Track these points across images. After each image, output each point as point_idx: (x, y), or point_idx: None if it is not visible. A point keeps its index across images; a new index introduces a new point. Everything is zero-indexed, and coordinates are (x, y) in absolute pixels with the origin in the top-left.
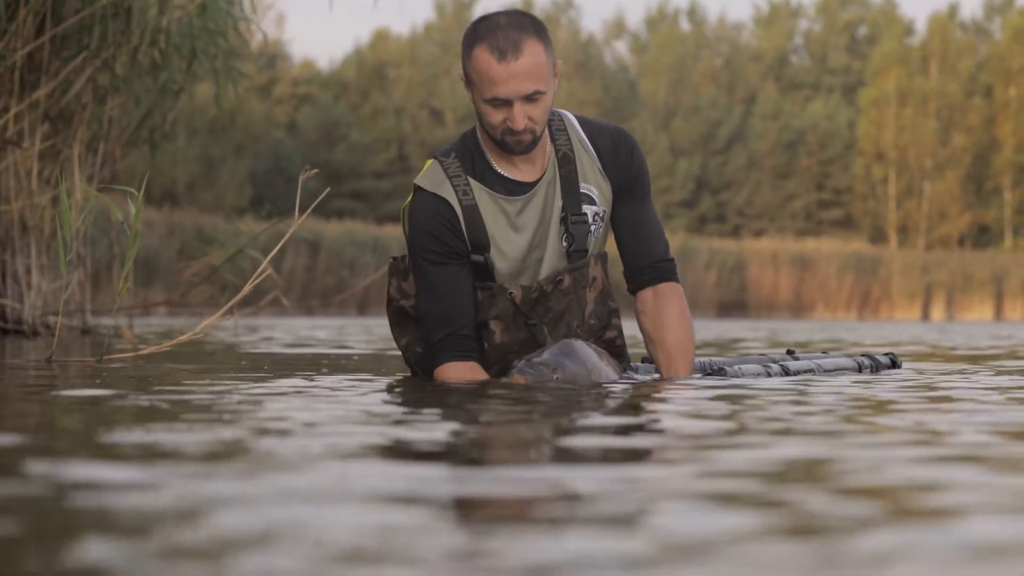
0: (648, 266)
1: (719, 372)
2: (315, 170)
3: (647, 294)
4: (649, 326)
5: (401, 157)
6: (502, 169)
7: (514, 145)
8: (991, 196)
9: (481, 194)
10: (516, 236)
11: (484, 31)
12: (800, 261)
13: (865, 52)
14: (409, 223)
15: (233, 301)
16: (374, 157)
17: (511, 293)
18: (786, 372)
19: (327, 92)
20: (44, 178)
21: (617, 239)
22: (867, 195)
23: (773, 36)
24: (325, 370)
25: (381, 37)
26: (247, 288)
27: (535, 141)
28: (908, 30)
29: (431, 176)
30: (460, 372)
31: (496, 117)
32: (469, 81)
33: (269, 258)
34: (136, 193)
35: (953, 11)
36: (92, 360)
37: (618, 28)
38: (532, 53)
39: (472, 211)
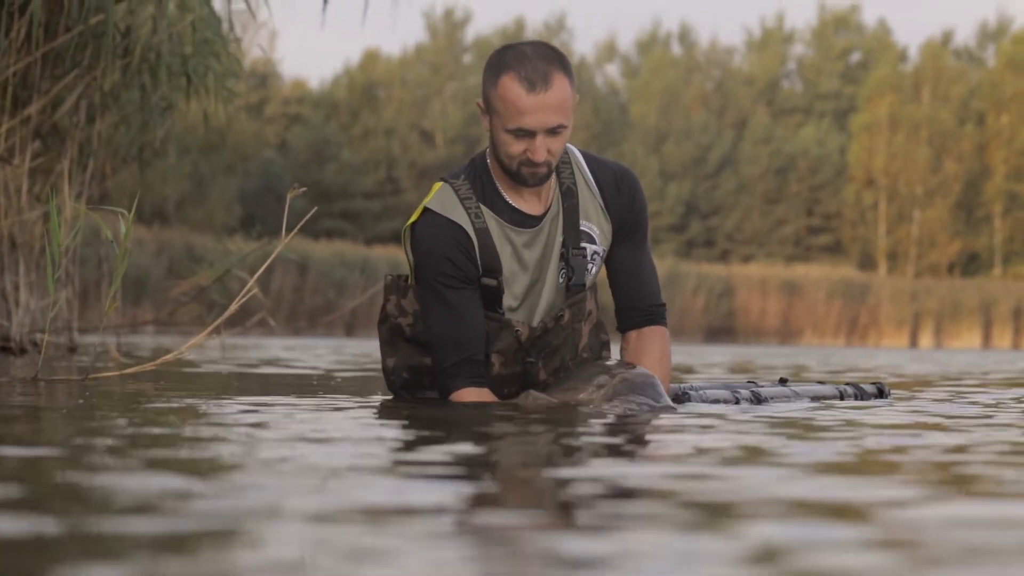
0: (639, 309)
1: (683, 397)
2: (303, 189)
3: (633, 334)
4: (629, 356)
5: (391, 179)
6: (510, 199)
7: (529, 177)
8: (981, 224)
9: (491, 220)
10: (519, 267)
11: (512, 60)
12: (789, 287)
13: (858, 78)
14: (419, 245)
15: (218, 321)
16: (364, 178)
17: (518, 331)
18: (757, 399)
19: (318, 112)
20: (34, 195)
21: (611, 280)
22: (857, 221)
23: (765, 61)
24: (313, 390)
25: (371, 57)
26: (232, 308)
27: (549, 174)
28: (902, 56)
29: (442, 199)
30: (477, 398)
31: (517, 147)
32: (490, 109)
33: (255, 278)
34: (126, 214)
35: (947, 38)
36: (77, 379)
37: (609, 51)
38: (560, 87)
39: (485, 235)
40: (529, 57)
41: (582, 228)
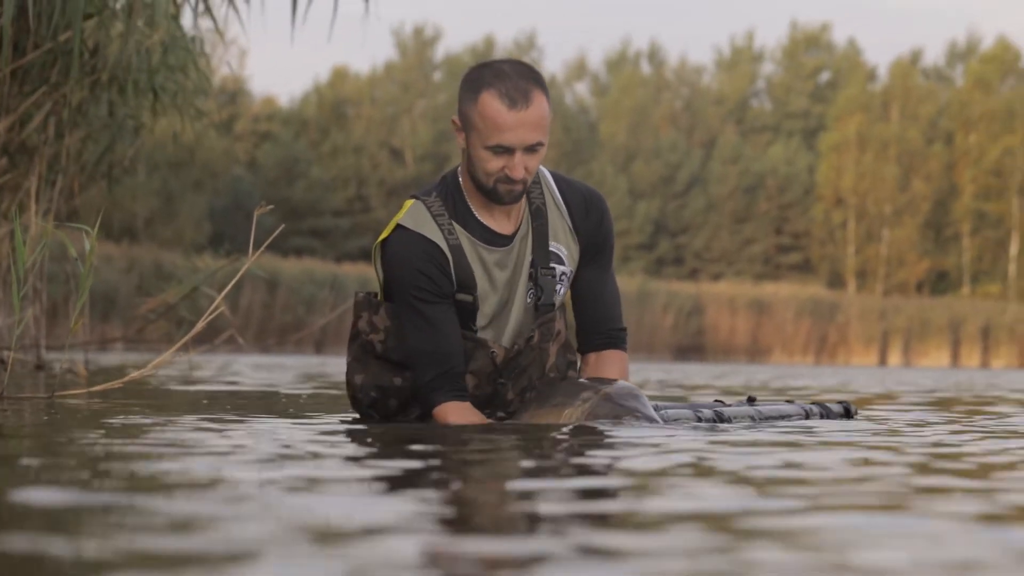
0: (601, 332)
1: None
2: (270, 206)
3: (592, 356)
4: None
5: (360, 196)
6: (481, 217)
7: (505, 195)
8: (950, 243)
9: (463, 238)
10: (490, 287)
11: (492, 78)
12: (758, 305)
13: (827, 97)
14: (392, 262)
15: (185, 339)
16: (333, 195)
17: (493, 352)
18: (720, 418)
19: (287, 129)
20: (1, 212)
21: (574, 301)
22: (826, 240)
23: (735, 80)
24: (280, 408)
25: (340, 75)
26: (199, 326)
27: (523, 192)
28: (871, 76)
29: (414, 216)
30: (461, 413)
31: (494, 164)
32: (467, 126)
33: (222, 295)
34: (90, 231)
35: (916, 57)
36: (44, 396)
37: (579, 69)
38: (539, 104)
39: (458, 252)
40: (508, 74)
41: (551, 249)
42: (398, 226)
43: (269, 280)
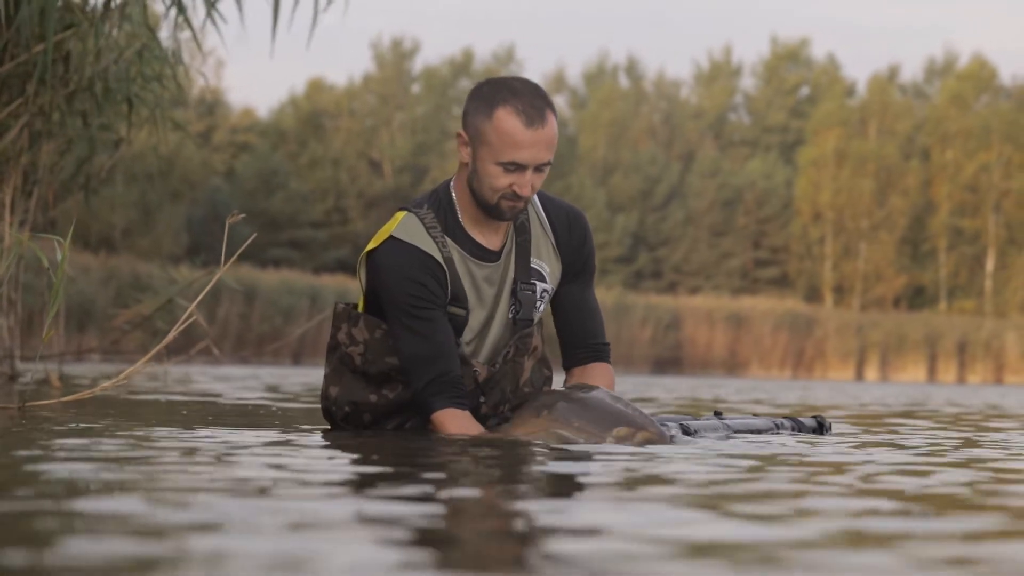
0: (586, 346)
1: None
2: (242, 215)
3: (578, 370)
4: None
5: (338, 208)
6: (471, 232)
7: (507, 211)
8: (927, 258)
9: (454, 251)
10: (477, 302)
11: (506, 94)
12: (735, 319)
13: (806, 112)
14: (386, 271)
15: (156, 349)
16: (311, 207)
17: (476, 371)
18: (685, 432)
19: (265, 140)
20: None
21: (556, 318)
22: (803, 255)
23: (714, 94)
24: (257, 420)
25: (316, 86)
26: (170, 336)
27: (523, 209)
28: (850, 91)
29: (408, 228)
30: (460, 422)
31: (503, 181)
32: (478, 140)
33: (194, 305)
34: (62, 241)
35: (893, 73)
36: (15, 407)
37: (558, 83)
38: (551, 124)
39: (451, 264)
40: (522, 92)
41: (532, 266)
42: (390, 237)
43: (247, 292)
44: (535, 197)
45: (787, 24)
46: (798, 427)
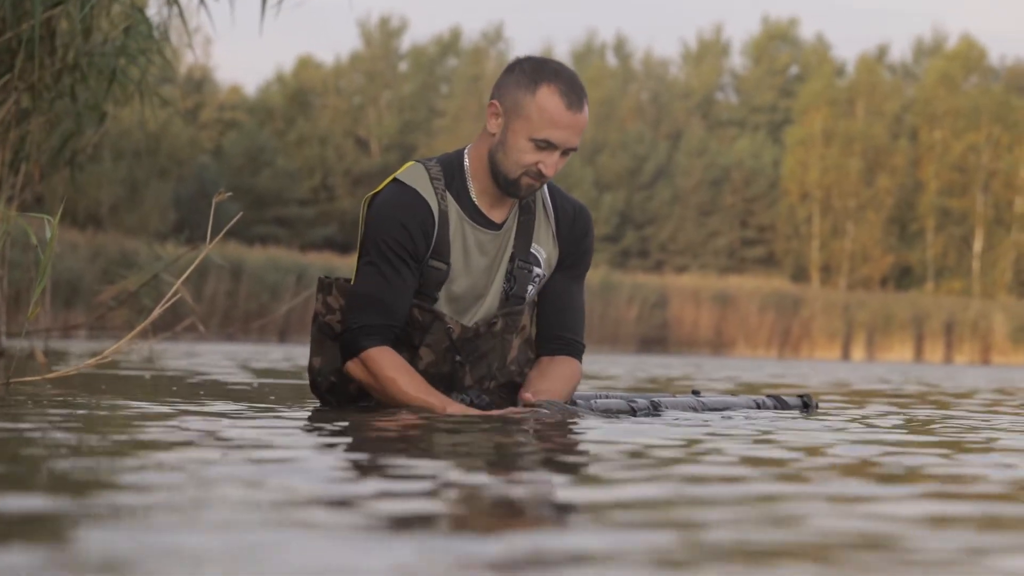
0: (560, 338)
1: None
2: (228, 193)
3: (546, 359)
4: (534, 374)
5: (325, 186)
6: (476, 200)
7: (524, 188)
8: (914, 239)
9: (452, 209)
10: (463, 268)
11: (550, 73)
12: (722, 298)
13: (795, 91)
14: (377, 210)
15: (142, 326)
16: (298, 184)
17: (450, 327)
18: (654, 408)
19: (253, 118)
20: None
21: (540, 305)
22: (791, 234)
23: (702, 73)
24: (242, 396)
25: (304, 64)
26: (155, 314)
27: (538, 190)
28: (839, 71)
29: (413, 174)
30: (394, 362)
31: (531, 157)
32: (514, 113)
33: (180, 282)
34: (51, 219)
35: (882, 52)
36: (0, 383)
37: None
38: (586, 112)
39: (444, 219)
40: (565, 76)
41: (532, 249)
42: (393, 179)
43: (234, 269)
44: (544, 186)
45: (776, 4)
46: (781, 405)
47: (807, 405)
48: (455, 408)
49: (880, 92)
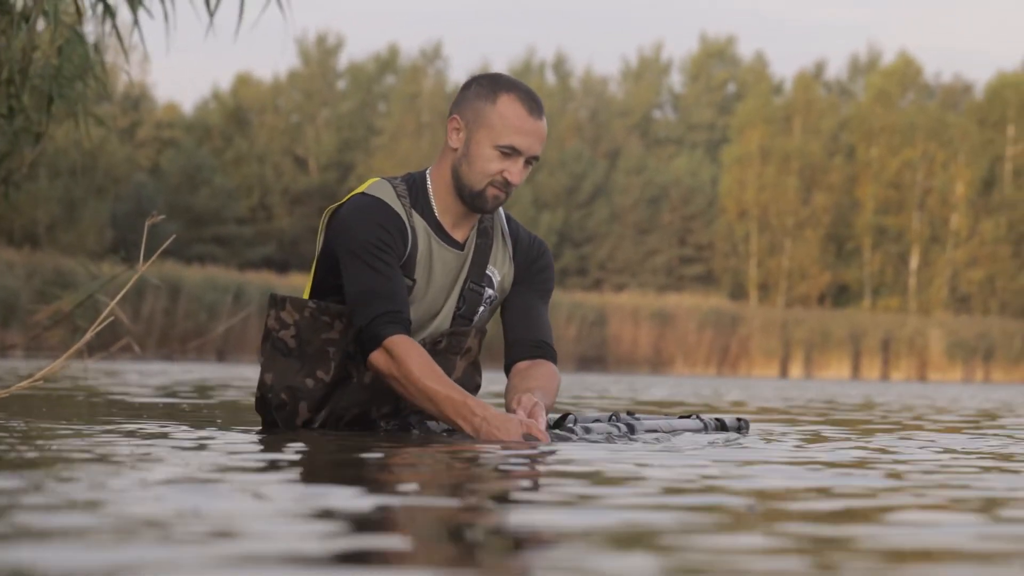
0: (532, 342)
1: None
2: (162, 216)
3: (522, 364)
4: (517, 379)
5: (263, 204)
6: (440, 219)
7: (490, 200)
8: (851, 256)
9: (419, 226)
10: (426, 282)
11: (508, 84)
12: (660, 316)
13: (732, 109)
14: (352, 217)
15: (75, 347)
16: (236, 203)
17: None
18: (632, 431)
19: (190, 136)
20: None
21: (505, 321)
22: (729, 252)
23: (641, 91)
24: (176, 416)
25: (243, 82)
26: (89, 335)
27: (502, 204)
28: (778, 89)
29: (379, 188)
30: (420, 355)
31: (495, 166)
32: (476, 124)
33: (114, 302)
34: None
35: (819, 69)
36: None
37: None
38: (545, 122)
39: (413, 233)
40: (522, 87)
41: (487, 271)
42: (360, 193)
43: (171, 288)
44: (502, 212)
45: (715, 22)
46: (722, 427)
47: (740, 427)
48: (484, 411)
49: (816, 109)
